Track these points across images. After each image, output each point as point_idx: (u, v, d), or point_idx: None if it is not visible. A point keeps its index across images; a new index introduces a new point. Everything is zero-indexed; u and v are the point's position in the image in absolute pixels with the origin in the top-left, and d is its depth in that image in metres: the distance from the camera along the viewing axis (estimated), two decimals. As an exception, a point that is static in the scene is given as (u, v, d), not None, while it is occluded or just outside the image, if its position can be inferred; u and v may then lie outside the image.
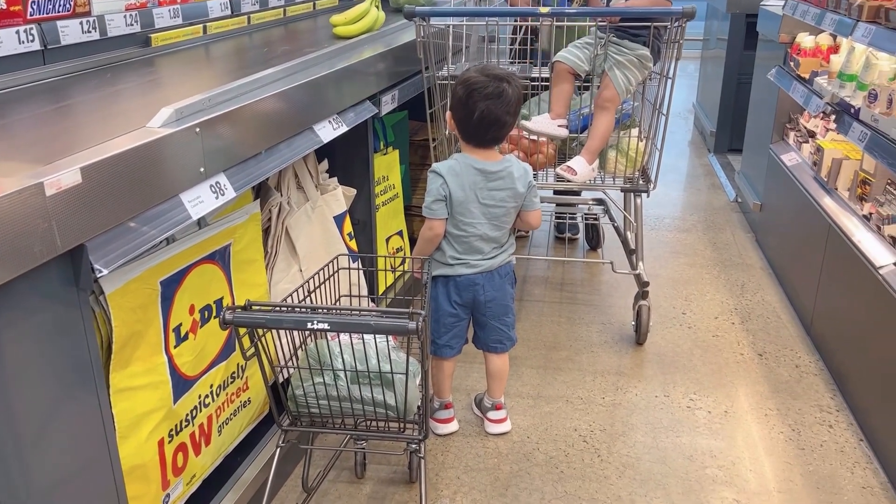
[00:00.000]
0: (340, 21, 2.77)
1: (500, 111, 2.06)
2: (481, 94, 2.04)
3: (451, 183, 2.10)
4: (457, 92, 2.09)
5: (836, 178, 2.91)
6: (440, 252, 2.21)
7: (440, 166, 2.13)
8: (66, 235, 1.23)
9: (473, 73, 2.08)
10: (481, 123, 2.07)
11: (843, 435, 2.41)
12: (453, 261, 2.20)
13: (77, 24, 2.13)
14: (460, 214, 2.14)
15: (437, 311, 2.25)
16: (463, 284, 2.21)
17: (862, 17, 2.61)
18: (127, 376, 1.53)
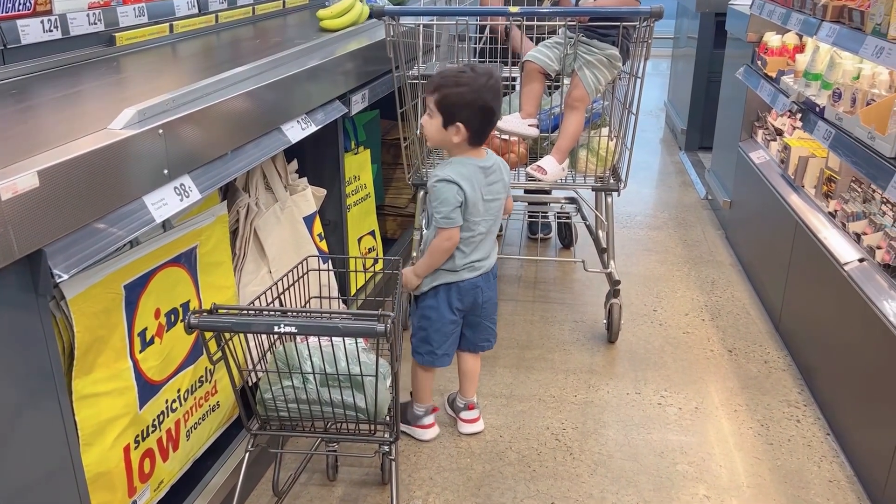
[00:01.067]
0: (327, 15, 2.89)
1: (497, 104, 2.07)
2: (487, 91, 2.01)
3: (465, 188, 2.07)
4: (470, 100, 2.00)
5: (803, 175, 2.95)
6: (449, 261, 2.17)
7: (452, 174, 2.06)
8: (23, 240, 1.20)
9: (466, 75, 2.02)
10: (488, 120, 2.07)
11: (811, 429, 2.45)
12: (461, 267, 2.17)
13: (38, 22, 2.09)
14: (470, 215, 2.12)
15: (438, 321, 2.22)
16: (466, 289, 2.20)
17: (826, 17, 2.65)
18: (90, 382, 1.51)
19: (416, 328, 2.27)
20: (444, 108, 2.02)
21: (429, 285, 2.20)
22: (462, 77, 2.01)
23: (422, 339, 2.26)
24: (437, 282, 2.19)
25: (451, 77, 2.02)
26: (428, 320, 2.23)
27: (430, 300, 2.21)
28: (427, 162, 2.90)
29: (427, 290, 2.20)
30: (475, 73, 2.03)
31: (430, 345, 2.25)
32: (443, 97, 2.02)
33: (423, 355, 2.28)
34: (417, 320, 2.27)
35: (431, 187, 2.09)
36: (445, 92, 2.01)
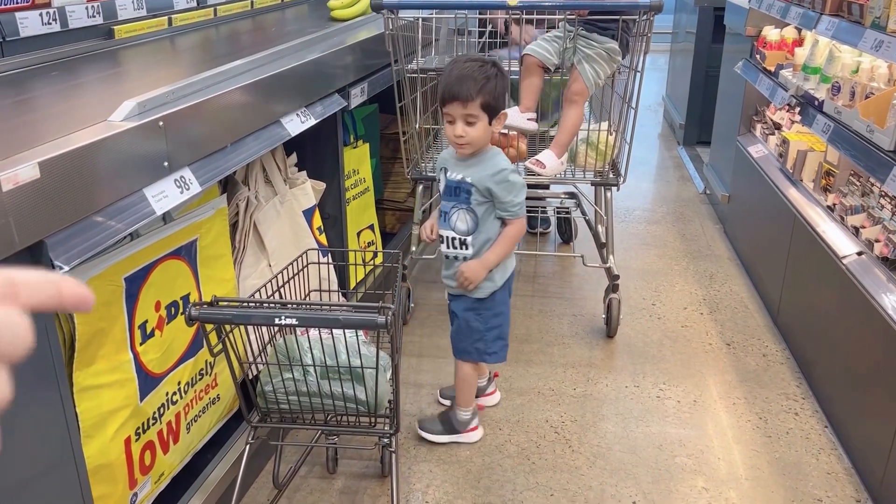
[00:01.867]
0: (337, 5, 3.00)
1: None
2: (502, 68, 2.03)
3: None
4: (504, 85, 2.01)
5: (801, 169, 2.96)
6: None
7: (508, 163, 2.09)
8: (24, 231, 1.20)
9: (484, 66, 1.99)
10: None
11: (809, 422, 2.46)
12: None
13: (37, 15, 2.09)
14: None
15: (507, 312, 2.21)
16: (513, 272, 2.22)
17: (825, 11, 2.65)
18: (91, 374, 1.51)
19: (489, 328, 2.18)
20: (492, 103, 1.98)
21: (502, 280, 2.15)
22: (483, 69, 1.97)
23: (497, 336, 2.20)
24: (508, 273, 2.17)
25: (476, 74, 1.96)
26: (501, 316, 2.19)
27: (501, 294, 2.17)
28: (426, 157, 2.90)
29: (501, 285, 2.15)
30: (479, 60, 2.02)
31: (504, 339, 2.22)
32: (488, 94, 1.96)
33: (498, 353, 2.22)
34: (487, 320, 2.17)
35: (503, 180, 2.04)
36: (488, 88, 1.96)
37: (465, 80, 1.95)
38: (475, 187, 2.06)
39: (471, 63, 2.00)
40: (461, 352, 2.24)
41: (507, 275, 2.18)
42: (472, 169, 2.08)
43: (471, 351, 2.21)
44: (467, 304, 2.17)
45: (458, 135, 2.00)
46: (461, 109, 1.97)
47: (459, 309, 2.19)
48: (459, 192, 2.09)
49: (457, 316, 2.21)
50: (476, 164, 2.09)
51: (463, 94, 1.95)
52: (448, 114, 2.01)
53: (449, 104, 1.98)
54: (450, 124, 2.03)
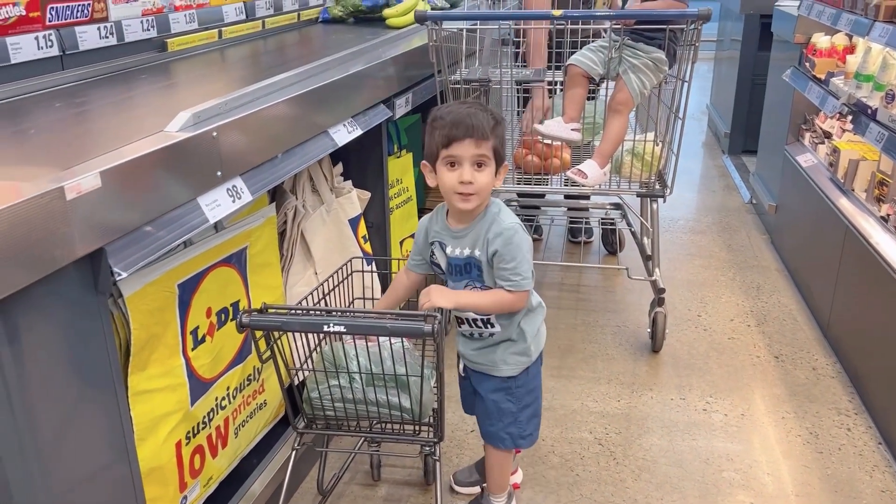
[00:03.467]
0: (392, 14, 3.17)
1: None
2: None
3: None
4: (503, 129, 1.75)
5: (853, 179, 2.89)
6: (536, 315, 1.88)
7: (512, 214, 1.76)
8: (85, 239, 1.24)
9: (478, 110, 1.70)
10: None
11: (862, 438, 2.39)
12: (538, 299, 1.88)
13: (95, 29, 2.15)
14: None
15: (540, 387, 1.94)
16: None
17: (879, 17, 2.59)
18: (145, 378, 1.54)
19: (522, 407, 1.89)
20: (500, 150, 1.72)
21: (537, 352, 1.89)
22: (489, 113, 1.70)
23: (532, 415, 1.93)
24: (542, 344, 1.91)
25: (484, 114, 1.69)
26: (536, 391, 1.92)
27: (534, 367, 1.90)
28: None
29: (535, 359, 1.89)
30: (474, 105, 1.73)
31: (538, 416, 1.95)
32: (499, 138, 1.71)
33: (533, 433, 1.94)
34: (520, 398, 1.88)
35: (508, 240, 1.70)
36: (499, 132, 1.71)
37: (477, 117, 1.67)
38: (483, 258, 1.75)
39: (474, 106, 1.72)
40: (491, 437, 1.93)
41: (543, 344, 1.91)
42: (475, 237, 1.75)
43: (503, 437, 1.91)
44: (495, 384, 1.88)
45: (465, 181, 1.67)
46: (473, 149, 1.66)
47: (485, 391, 1.90)
48: (470, 268, 1.78)
49: (480, 396, 1.93)
50: (477, 227, 1.75)
51: (478, 130, 1.65)
52: (452, 156, 1.67)
53: (457, 143, 1.66)
54: (450, 171, 1.68)
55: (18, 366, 1.19)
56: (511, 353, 1.85)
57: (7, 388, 1.18)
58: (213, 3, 2.68)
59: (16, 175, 1.27)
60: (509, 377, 1.86)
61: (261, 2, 2.95)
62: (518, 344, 1.84)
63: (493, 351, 1.86)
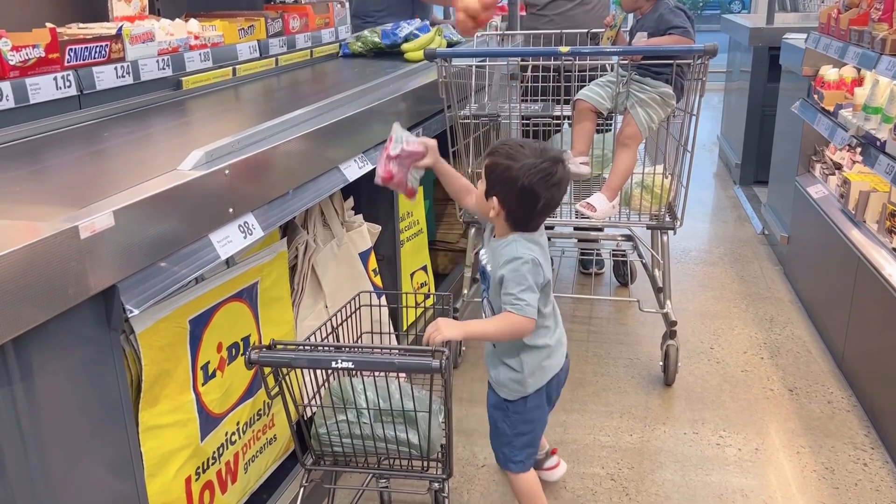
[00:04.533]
0: (410, 48, 3.30)
1: (548, 193, 1.77)
2: (536, 174, 1.73)
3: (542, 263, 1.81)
4: (511, 177, 1.74)
5: (864, 210, 2.88)
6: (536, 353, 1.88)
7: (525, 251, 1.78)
8: (99, 277, 1.26)
9: (529, 156, 1.74)
10: (530, 206, 1.77)
11: (879, 473, 2.35)
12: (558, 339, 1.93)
13: (112, 69, 2.21)
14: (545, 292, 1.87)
15: (542, 419, 1.96)
16: (562, 378, 1.96)
17: (885, 51, 2.61)
18: (156, 414, 1.55)
19: (516, 434, 1.93)
20: (487, 175, 1.80)
21: (534, 387, 1.89)
22: (515, 151, 1.76)
23: (526, 444, 1.96)
24: (544, 379, 1.91)
25: (507, 146, 1.78)
26: (533, 423, 1.94)
27: (535, 399, 1.91)
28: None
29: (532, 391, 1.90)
30: (534, 151, 1.76)
31: (534, 447, 2.00)
32: (489, 164, 1.79)
33: (524, 462, 1.97)
34: (515, 425, 1.92)
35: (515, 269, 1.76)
36: (494, 160, 1.78)
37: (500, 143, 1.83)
38: (492, 277, 1.83)
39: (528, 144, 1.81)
40: (495, 453, 2.01)
41: (544, 381, 1.90)
42: (493, 255, 1.84)
43: (497, 455, 1.99)
44: (496, 400, 1.94)
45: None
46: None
47: (489, 403, 1.98)
48: (485, 277, 1.88)
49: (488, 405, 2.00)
50: (498, 248, 1.83)
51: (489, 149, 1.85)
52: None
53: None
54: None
55: (31, 401, 1.21)
56: (509, 379, 1.90)
57: (20, 422, 1.20)
58: (227, 41, 2.74)
59: (33, 213, 1.31)
60: (506, 399, 1.92)
61: (274, 40, 3.02)
62: (516, 373, 1.88)
63: (497, 367, 1.92)
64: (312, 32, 3.32)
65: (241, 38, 2.82)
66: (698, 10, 18.35)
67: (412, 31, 3.35)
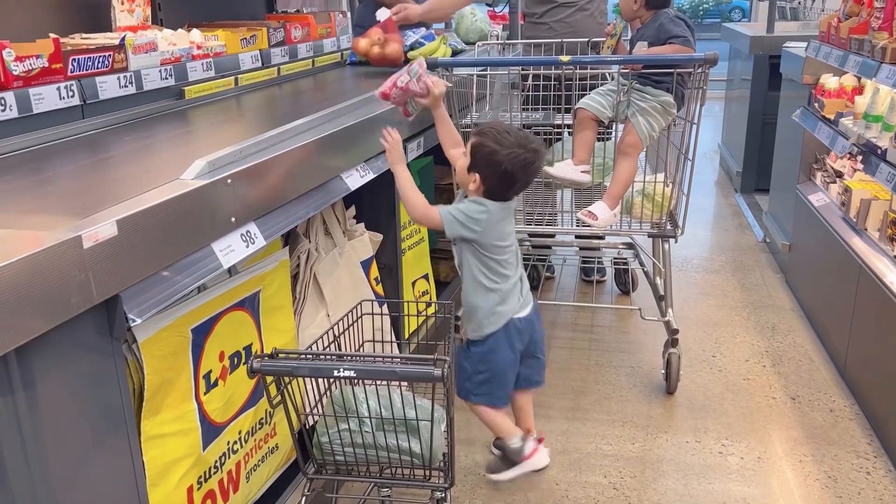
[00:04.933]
0: (416, 56, 3.25)
1: (524, 177, 2.05)
2: (517, 161, 1.99)
3: (494, 213, 2.05)
4: (495, 160, 1.98)
5: (866, 218, 2.88)
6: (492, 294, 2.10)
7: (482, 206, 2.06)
8: (101, 286, 1.26)
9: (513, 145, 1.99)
10: (507, 186, 2.05)
11: (882, 482, 2.35)
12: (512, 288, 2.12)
13: (115, 79, 2.22)
14: (498, 240, 2.08)
15: (499, 363, 2.14)
16: (524, 328, 2.15)
17: (886, 60, 2.61)
18: (157, 423, 1.56)
19: (474, 371, 2.15)
20: (473, 154, 2.04)
21: (488, 329, 2.11)
22: (503, 137, 2.00)
23: (480, 382, 2.16)
24: (497, 324, 2.11)
25: (494, 131, 2.02)
26: (491, 369, 2.14)
27: (494, 343, 2.12)
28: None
29: (486, 333, 2.12)
30: (518, 140, 2.00)
31: (489, 385, 2.17)
32: (476, 144, 2.03)
33: (482, 396, 2.17)
34: (474, 364, 2.15)
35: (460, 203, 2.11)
36: (481, 140, 2.02)
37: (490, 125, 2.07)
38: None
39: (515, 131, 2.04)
40: (456, 387, 2.17)
41: (499, 324, 2.10)
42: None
43: (459, 387, 2.18)
44: (461, 343, 2.21)
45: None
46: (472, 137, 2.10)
47: (457, 347, 2.21)
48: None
49: None
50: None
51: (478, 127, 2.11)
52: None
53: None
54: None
55: (34, 410, 1.21)
56: (469, 320, 2.16)
57: (22, 431, 1.20)
58: (230, 51, 2.75)
59: (36, 223, 1.31)
60: (470, 339, 2.16)
61: (276, 49, 3.03)
62: (475, 315, 2.13)
63: (461, 311, 2.24)
64: (314, 42, 3.33)
65: (244, 48, 2.84)
66: (698, 18, 18.41)
67: (417, 40, 3.39)
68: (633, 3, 2.66)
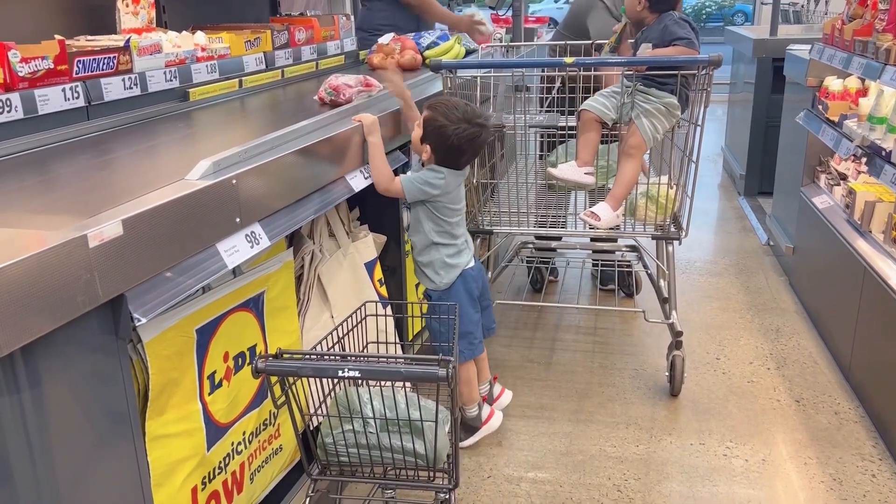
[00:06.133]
0: (432, 55, 3.48)
1: (470, 150, 2.26)
2: (463, 135, 2.19)
3: (449, 179, 2.25)
4: (444, 134, 2.18)
5: (870, 220, 2.88)
6: (449, 248, 2.33)
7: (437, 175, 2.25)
8: (107, 286, 1.27)
9: (461, 121, 2.18)
10: (454, 158, 2.25)
11: (887, 484, 2.34)
12: (462, 245, 2.35)
13: (119, 80, 2.22)
14: (452, 203, 2.29)
15: (468, 313, 2.36)
16: (475, 276, 2.39)
17: (890, 61, 2.61)
18: (162, 424, 1.56)
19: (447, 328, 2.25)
20: (424, 126, 2.23)
21: (445, 280, 2.34)
22: (451, 112, 2.19)
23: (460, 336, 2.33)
24: (451, 275, 2.34)
25: (444, 106, 2.21)
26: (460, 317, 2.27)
27: (454, 293, 2.35)
28: (483, 210, 2.94)
29: (444, 290, 2.35)
30: (466, 114, 2.19)
31: (466, 338, 2.39)
32: (427, 118, 2.23)
33: (463, 352, 2.39)
34: (443, 322, 2.28)
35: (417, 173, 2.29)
36: (432, 115, 2.21)
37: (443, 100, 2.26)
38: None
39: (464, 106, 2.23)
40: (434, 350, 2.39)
41: (454, 275, 2.34)
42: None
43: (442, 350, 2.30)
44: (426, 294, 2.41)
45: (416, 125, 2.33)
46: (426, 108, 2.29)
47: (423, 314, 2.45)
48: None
49: None
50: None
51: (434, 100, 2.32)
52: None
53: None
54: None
55: (39, 409, 1.21)
56: (427, 277, 2.38)
57: (27, 430, 1.20)
58: (234, 53, 2.76)
59: (42, 223, 1.31)
60: (429, 296, 2.39)
61: (280, 52, 3.04)
62: (431, 270, 2.36)
63: (419, 273, 2.42)
64: (318, 45, 3.34)
65: (248, 50, 2.84)
66: (701, 22, 18.41)
67: (433, 41, 3.59)
68: (637, 4, 2.67)
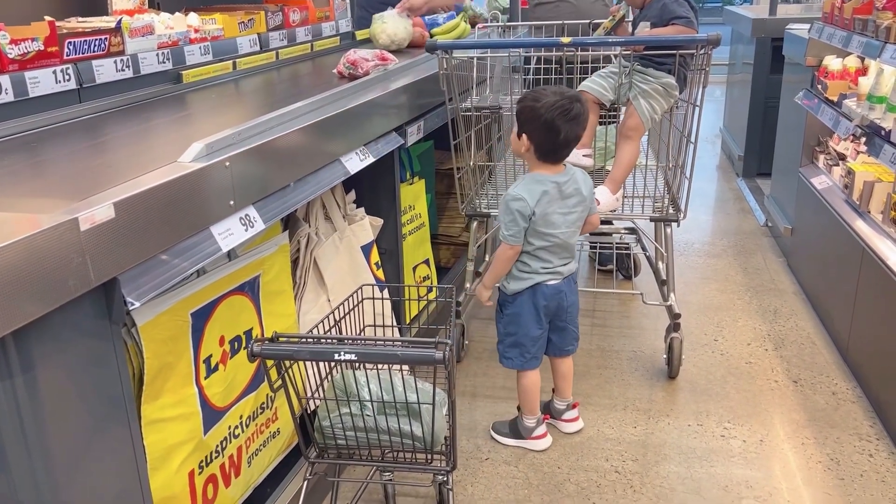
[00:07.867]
0: (439, 31, 3.59)
1: (580, 130, 2.19)
2: (555, 110, 2.12)
3: (531, 201, 2.20)
4: (536, 115, 2.14)
5: (869, 201, 2.86)
6: (523, 265, 2.31)
7: (519, 191, 2.22)
8: (99, 269, 1.25)
9: (550, 96, 2.14)
10: (552, 138, 2.17)
11: (884, 464, 2.34)
12: (543, 271, 2.30)
13: (111, 62, 2.19)
14: (544, 226, 2.24)
15: (526, 325, 2.34)
16: (550, 294, 2.32)
17: (890, 39, 2.59)
18: (158, 408, 1.55)
19: (504, 334, 2.38)
20: (518, 118, 2.21)
21: (513, 288, 2.32)
22: (538, 93, 2.17)
23: (510, 345, 2.37)
24: (520, 285, 2.31)
25: (532, 91, 2.20)
26: (515, 326, 2.35)
27: (521, 303, 2.32)
28: (480, 193, 2.92)
29: (511, 295, 2.34)
30: (555, 92, 2.15)
31: (518, 348, 2.37)
32: (519, 109, 2.21)
33: (511, 359, 2.39)
34: (505, 325, 2.37)
35: (502, 203, 2.25)
36: (522, 104, 2.20)
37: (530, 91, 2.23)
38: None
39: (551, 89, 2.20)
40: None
41: (521, 286, 2.31)
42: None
43: (498, 349, 2.42)
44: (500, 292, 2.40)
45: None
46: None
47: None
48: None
49: None
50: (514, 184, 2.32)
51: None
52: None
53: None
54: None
55: (32, 395, 1.20)
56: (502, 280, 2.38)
57: (21, 416, 1.19)
58: (227, 35, 2.73)
59: (32, 206, 1.30)
60: (501, 300, 2.39)
61: (275, 33, 3.00)
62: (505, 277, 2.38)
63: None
64: (313, 26, 3.30)
65: (241, 32, 2.81)
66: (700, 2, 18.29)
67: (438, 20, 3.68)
68: (635, -17, 2.64)
